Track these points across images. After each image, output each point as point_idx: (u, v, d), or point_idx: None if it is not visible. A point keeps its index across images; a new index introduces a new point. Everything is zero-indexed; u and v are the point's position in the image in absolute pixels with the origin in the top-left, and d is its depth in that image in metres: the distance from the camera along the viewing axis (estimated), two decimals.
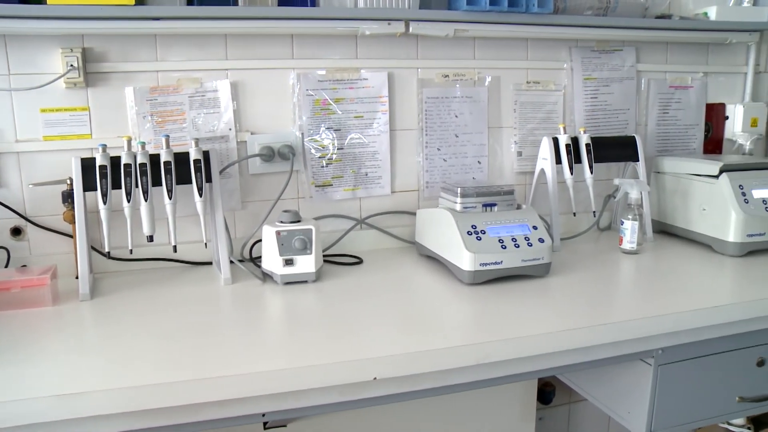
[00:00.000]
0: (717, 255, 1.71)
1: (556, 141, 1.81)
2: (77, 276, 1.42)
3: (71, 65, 1.51)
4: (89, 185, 1.42)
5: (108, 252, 1.46)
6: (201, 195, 1.48)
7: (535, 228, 1.52)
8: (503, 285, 1.46)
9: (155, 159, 1.45)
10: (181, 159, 1.48)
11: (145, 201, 1.43)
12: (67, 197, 1.51)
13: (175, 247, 1.47)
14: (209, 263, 1.68)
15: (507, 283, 1.47)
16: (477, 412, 1.88)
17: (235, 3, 1.58)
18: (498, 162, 1.95)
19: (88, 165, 1.42)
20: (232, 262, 1.55)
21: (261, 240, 1.54)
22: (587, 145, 1.81)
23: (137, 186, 1.42)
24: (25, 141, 1.54)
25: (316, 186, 1.77)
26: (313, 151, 1.76)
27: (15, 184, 1.55)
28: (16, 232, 1.57)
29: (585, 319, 1.25)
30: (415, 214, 1.77)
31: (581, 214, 1.96)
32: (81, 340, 1.18)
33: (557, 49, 1.96)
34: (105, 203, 1.41)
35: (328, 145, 1.77)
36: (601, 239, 1.94)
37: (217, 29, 1.61)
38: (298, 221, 1.54)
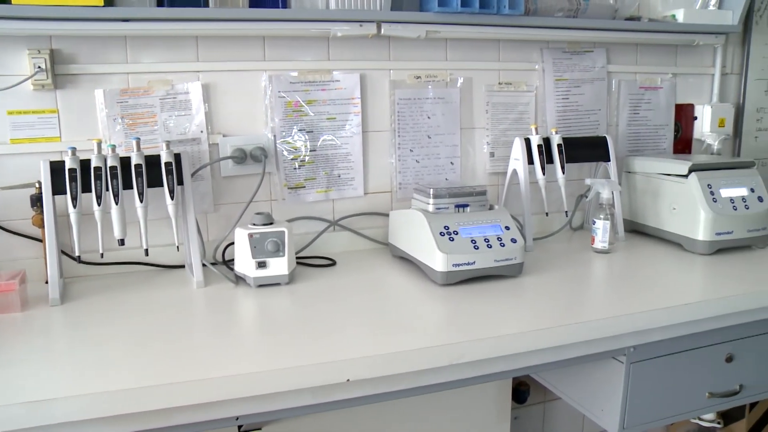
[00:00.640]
0: (687, 253, 1.74)
1: (528, 141, 1.82)
2: (47, 281, 1.40)
3: (39, 67, 1.49)
4: (58, 189, 1.40)
5: (78, 256, 1.44)
6: (173, 198, 1.47)
7: (508, 228, 1.53)
8: (476, 285, 1.47)
9: (126, 162, 1.43)
10: (153, 162, 1.46)
11: (116, 204, 1.41)
12: (36, 201, 1.48)
13: (147, 251, 1.45)
14: (182, 266, 1.66)
15: (480, 284, 1.48)
16: (452, 412, 1.88)
17: (206, 4, 1.57)
18: (470, 163, 1.96)
19: (57, 168, 1.40)
20: (204, 265, 1.54)
21: (234, 243, 1.53)
22: (559, 146, 1.83)
23: (108, 189, 1.41)
24: None
25: (288, 188, 1.77)
26: (286, 153, 1.75)
27: None
28: None
29: (558, 319, 1.26)
30: (388, 215, 1.77)
31: (553, 214, 1.98)
32: (51, 345, 1.16)
33: (529, 51, 1.97)
34: (75, 207, 1.39)
35: (300, 147, 1.76)
36: (574, 239, 1.96)
37: (188, 31, 1.59)
38: (270, 223, 1.53)
